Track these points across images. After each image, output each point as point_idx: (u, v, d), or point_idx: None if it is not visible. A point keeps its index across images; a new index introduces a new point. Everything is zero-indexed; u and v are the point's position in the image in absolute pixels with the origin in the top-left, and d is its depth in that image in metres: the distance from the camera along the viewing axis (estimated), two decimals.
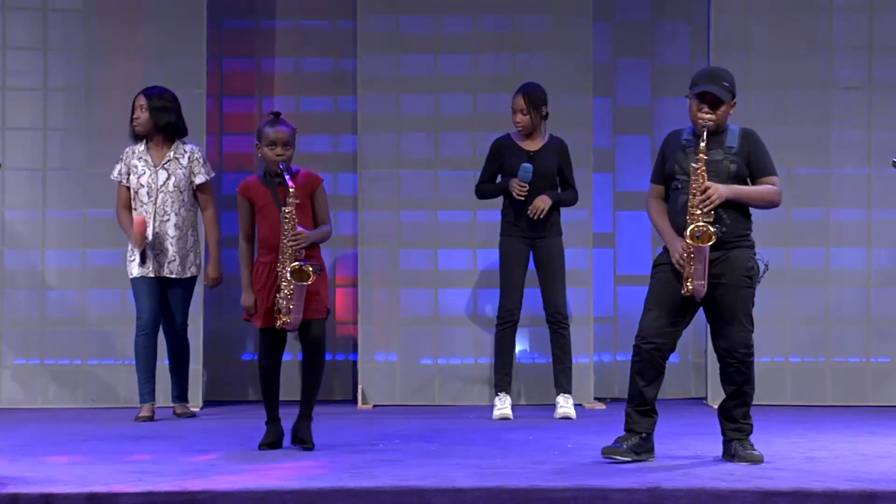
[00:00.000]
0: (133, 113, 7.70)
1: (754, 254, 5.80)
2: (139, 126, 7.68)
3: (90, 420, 7.73)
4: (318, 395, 6.37)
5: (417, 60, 8.66)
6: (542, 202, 7.65)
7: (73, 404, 8.39)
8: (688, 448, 6.20)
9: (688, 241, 5.61)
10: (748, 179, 5.81)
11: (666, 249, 5.80)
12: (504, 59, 8.62)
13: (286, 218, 6.15)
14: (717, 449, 5.88)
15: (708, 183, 5.64)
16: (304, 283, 6.10)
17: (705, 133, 5.67)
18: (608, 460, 5.73)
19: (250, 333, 8.89)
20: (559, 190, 7.82)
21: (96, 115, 8.44)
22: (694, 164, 5.65)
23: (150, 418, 7.61)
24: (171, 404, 7.91)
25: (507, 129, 7.98)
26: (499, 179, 7.88)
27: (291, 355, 8.65)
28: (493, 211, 8.12)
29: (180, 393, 7.90)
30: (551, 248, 7.76)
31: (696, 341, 8.65)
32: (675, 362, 8.85)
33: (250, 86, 8.98)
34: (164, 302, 7.73)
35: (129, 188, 7.70)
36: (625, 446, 5.73)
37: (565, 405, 7.71)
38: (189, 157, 7.72)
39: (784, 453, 5.97)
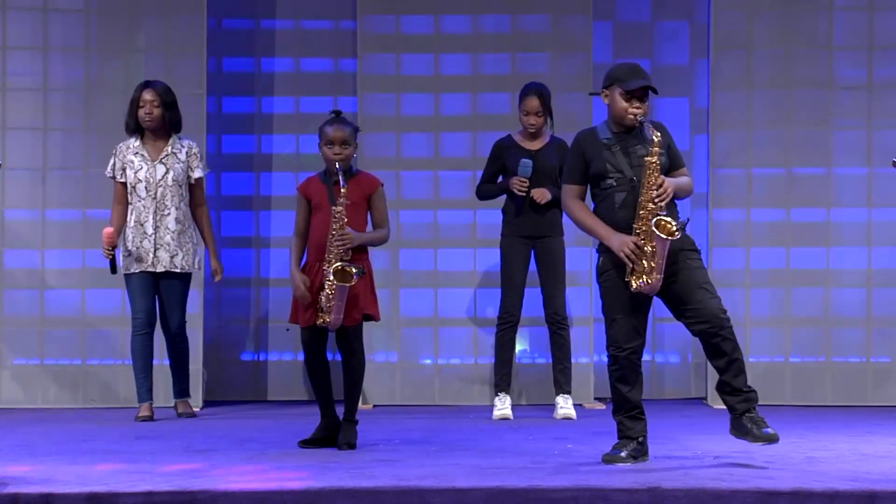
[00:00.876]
0: (140, 107, 7.66)
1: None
2: (152, 122, 7.65)
3: (90, 420, 7.73)
4: (358, 398, 6.42)
5: (417, 60, 8.66)
6: (542, 193, 7.64)
7: (73, 404, 8.39)
8: (688, 448, 6.19)
9: (658, 234, 5.52)
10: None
11: (604, 256, 5.74)
12: (504, 59, 8.62)
13: (335, 217, 6.15)
14: (717, 449, 5.87)
15: (662, 178, 5.60)
16: (346, 285, 6.09)
17: (650, 128, 5.64)
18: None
19: (250, 334, 8.89)
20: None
21: (96, 115, 8.44)
22: (649, 159, 5.60)
23: (150, 418, 7.61)
24: (173, 401, 7.89)
25: (507, 128, 7.98)
26: (500, 180, 7.87)
27: (293, 354, 8.70)
28: (493, 211, 8.12)
29: (182, 389, 7.89)
30: (553, 248, 7.76)
31: (696, 341, 8.59)
32: (675, 363, 8.86)
33: (250, 86, 8.97)
34: (159, 300, 7.73)
35: (123, 184, 7.69)
36: (624, 453, 5.70)
37: (565, 405, 7.71)
38: (187, 152, 7.73)
39: (784, 453, 5.96)
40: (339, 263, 6.12)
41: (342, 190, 6.17)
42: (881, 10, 8.52)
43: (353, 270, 6.10)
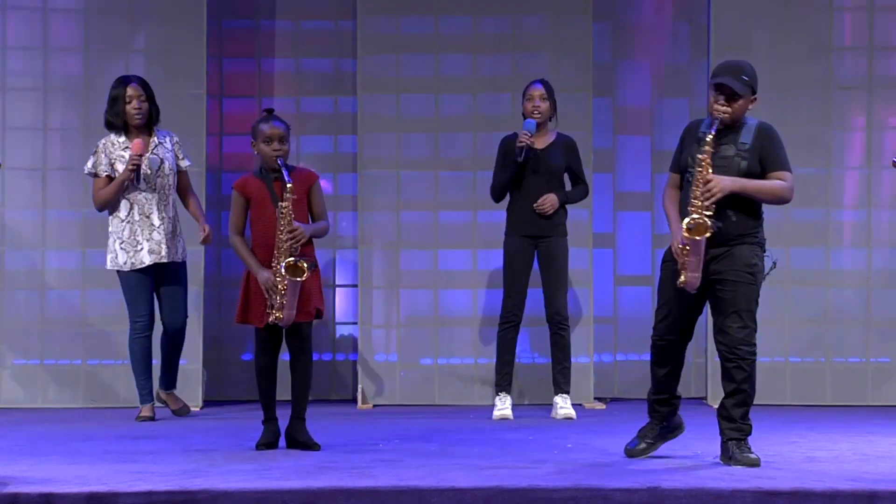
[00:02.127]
0: (127, 103, 7.64)
1: (762, 252, 5.75)
2: (142, 117, 7.65)
3: (90, 420, 7.73)
4: (309, 396, 6.37)
5: (417, 61, 8.66)
6: (551, 200, 7.63)
7: (73, 404, 8.39)
8: (688, 448, 6.19)
9: (683, 233, 5.57)
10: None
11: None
12: (504, 60, 8.62)
13: (282, 213, 6.14)
14: (717, 449, 5.87)
15: (710, 175, 5.58)
16: (298, 280, 6.08)
17: (715, 125, 5.63)
18: (607, 459, 5.78)
19: (250, 333, 8.88)
20: (567, 187, 7.82)
21: (96, 115, 8.42)
22: (700, 156, 5.61)
23: (151, 418, 7.61)
24: (159, 391, 7.84)
25: (507, 129, 7.98)
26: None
27: (289, 356, 8.69)
28: (492, 211, 8.12)
29: (171, 380, 7.85)
30: (556, 249, 7.76)
31: (696, 341, 8.57)
32: None
33: (250, 86, 8.97)
34: (160, 296, 7.72)
35: (108, 178, 7.66)
36: (643, 445, 5.91)
37: (565, 405, 7.70)
38: (172, 142, 7.74)
39: (784, 453, 5.97)
40: (290, 259, 6.10)
41: (288, 185, 6.15)
42: (881, 11, 8.53)
43: (305, 265, 6.09)
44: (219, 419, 7.80)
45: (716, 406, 8.18)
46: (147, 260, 7.60)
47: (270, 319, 6.17)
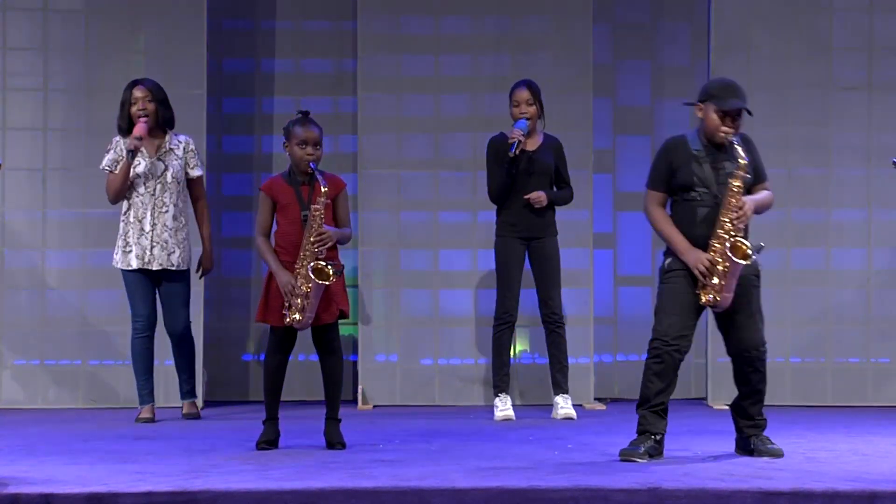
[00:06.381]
0: (133, 104, 7.62)
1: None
2: (148, 118, 7.62)
3: (90, 420, 7.73)
4: (341, 396, 6.39)
5: (418, 61, 8.67)
6: (539, 198, 7.62)
7: (73, 404, 8.39)
8: (688, 448, 6.19)
9: (732, 256, 5.61)
10: None
11: (674, 259, 5.80)
12: (504, 60, 8.62)
13: (313, 216, 6.13)
14: (717, 449, 5.88)
15: (743, 199, 5.68)
16: (324, 283, 6.08)
17: (740, 149, 5.69)
18: (607, 459, 5.77)
19: (250, 334, 8.90)
20: (554, 188, 7.81)
21: (96, 115, 8.44)
22: (732, 181, 5.67)
23: (151, 420, 7.60)
24: (180, 402, 7.85)
25: (507, 128, 7.97)
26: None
27: (292, 356, 8.70)
28: (492, 211, 8.11)
29: (189, 390, 7.86)
30: (547, 248, 7.75)
31: (696, 342, 8.60)
32: None
33: (250, 86, 8.98)
34: (161, 302, 7.71)
35: None
36: (642, 449, 5.74)
37: (565, 405, 7.70)
38: (184, 149, 7.70)
39: (784, 453, 5.97)
40: (316, 262, 6.10)
41: (323, 189, 6.14)
42: (881, 11, 8.53)
43: (331, 270, 6.09)
44: (219, 419, 7.80)
45: (715, 406, 8.22)
46: (134, 264, 7.57)
47: (286, 321, 6.17)
